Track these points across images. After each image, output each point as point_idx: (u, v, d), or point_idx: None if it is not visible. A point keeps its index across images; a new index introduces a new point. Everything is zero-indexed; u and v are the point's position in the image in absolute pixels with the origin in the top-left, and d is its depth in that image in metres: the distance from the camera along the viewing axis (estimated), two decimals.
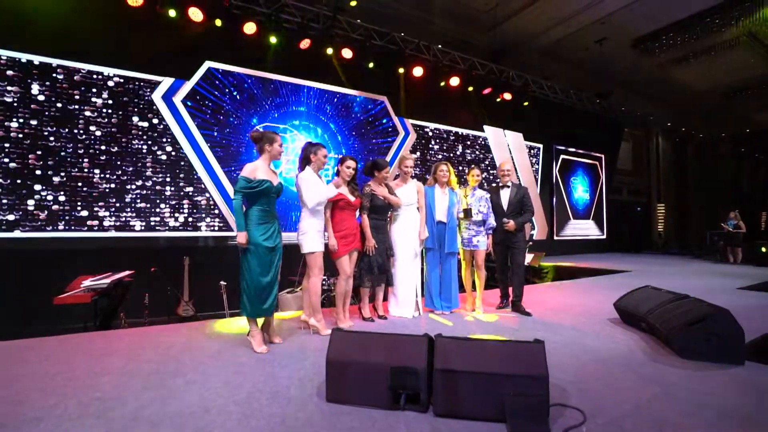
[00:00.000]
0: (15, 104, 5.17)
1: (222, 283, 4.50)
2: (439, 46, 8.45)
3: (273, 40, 6.72)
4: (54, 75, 5.42)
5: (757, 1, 8.63)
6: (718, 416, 1.87)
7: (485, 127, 10.02)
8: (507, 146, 10.50)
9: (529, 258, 6.61)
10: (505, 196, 4.17)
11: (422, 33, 8.37)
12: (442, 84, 8.77)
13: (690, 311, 2.60)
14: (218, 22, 6.26)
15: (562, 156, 11.91)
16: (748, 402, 2.03)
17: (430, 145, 9.13)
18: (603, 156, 13.21)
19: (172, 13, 5.81)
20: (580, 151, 12.49)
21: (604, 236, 13.13)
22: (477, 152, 9.92)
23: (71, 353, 2.71)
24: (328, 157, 3.37)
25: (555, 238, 11.48)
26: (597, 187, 13.06)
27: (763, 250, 8.94)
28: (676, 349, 2.58)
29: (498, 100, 9.71)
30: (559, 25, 9.58)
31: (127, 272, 4.22)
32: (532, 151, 11.12)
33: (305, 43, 6.94)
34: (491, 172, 9.97)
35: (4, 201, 5.06)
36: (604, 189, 13.24)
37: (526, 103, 10.13)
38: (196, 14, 6.01)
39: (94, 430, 1.71)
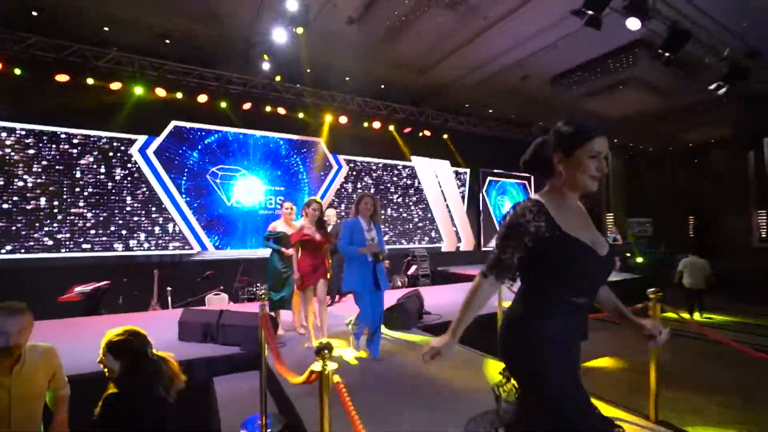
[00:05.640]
0: (31, 163, 7.47)
1: (169, 289, 6.63)
2: (359, 98, 10.49)
3: (223, 104, 8.98)
4: (58, 138, 7.71)
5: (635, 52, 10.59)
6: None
7: (413, 157, 12.13)
8: (434, 173, 12.59)
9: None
10: None
11: (359, 82, 10.24)
12: (366, 125, 10.89)
13: (402, 299, 4.67)
14: (179, 95, 8.52)
15: (489, 177, 13.96)
16: (403, 353, 4.08)
17: (362, 177, 11.26)
18: (531, 176, 15.21)
19: (138, 90, 8.07)
20: (508, 173, 14.51)
21: None
22: (405, 180, 12.00)
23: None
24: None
25: (482, 249, 13.48)
26: None
27: (639, 260, 10.77)
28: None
29: (420, 135, 11.83)
30: (480, 68, 11.29)
31: (105, 282, 6.40)
32: (459, 176, 13.18)
33: (247, 105, 9.16)
34: (413, 198, 12.00)
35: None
36: None
37: (445, 136, 12.26)
38: (161, 91, 8.27)
39: None
